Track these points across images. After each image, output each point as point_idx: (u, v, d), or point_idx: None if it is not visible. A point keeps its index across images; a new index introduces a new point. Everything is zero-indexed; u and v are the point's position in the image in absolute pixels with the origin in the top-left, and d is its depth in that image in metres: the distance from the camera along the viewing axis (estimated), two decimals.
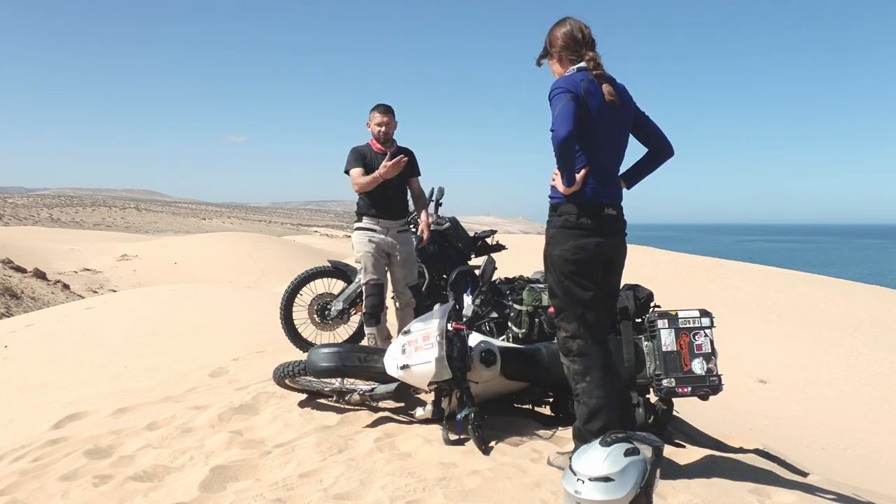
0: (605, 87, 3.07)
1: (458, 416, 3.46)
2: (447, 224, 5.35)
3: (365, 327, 4.84)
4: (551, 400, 4.09)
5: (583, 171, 3.03)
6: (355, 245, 4.85)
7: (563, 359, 3.20)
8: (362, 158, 4.79)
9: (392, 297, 5.04)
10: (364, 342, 5.06)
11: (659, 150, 3.38)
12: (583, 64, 3.12)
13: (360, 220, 4.88)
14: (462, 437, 3.46)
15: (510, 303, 4.53)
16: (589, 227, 3.07)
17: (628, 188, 3.35)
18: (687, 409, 5.24)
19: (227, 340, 6.92)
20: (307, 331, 5.39)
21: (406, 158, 4.64)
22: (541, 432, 3.66)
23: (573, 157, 2.97)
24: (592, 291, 3.12)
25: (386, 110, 4.76)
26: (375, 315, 4.75)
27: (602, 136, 3.09)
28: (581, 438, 3.07)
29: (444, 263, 5.25)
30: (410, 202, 5.14)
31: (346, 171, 4.81)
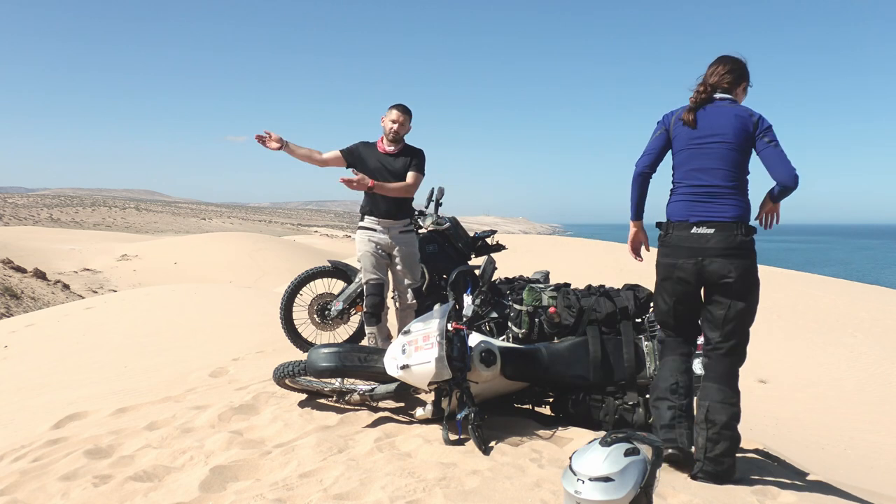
0: (686, 114, 3.36)
1: (458, 416, 3.46)
2: (447, 224, 5.35)
3: (366, 326, 4.84)
4: (551, 400, 4.09)
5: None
6: (357, 244, 4.86)
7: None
8: (352, 150, 4.83)
9: (392, 297, 5.04)
10: (364, 342, 5.06)
11: None
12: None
13: (362, 219, 4.88)
14: (462, 437, 3.46)
15: (510, 303, 4.53)
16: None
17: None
18: None
19: (227, 340, 6.93)
20: (307, 331, 5.39)
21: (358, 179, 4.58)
22: (541, 432, 3.66)
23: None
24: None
25: (404, 111, 4.74)
26: (376, 314, 4.75)
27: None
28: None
29: (444, 263, 5.25)
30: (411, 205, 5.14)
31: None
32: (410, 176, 4.74)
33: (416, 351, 3.45)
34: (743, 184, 3.35)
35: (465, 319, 3.73)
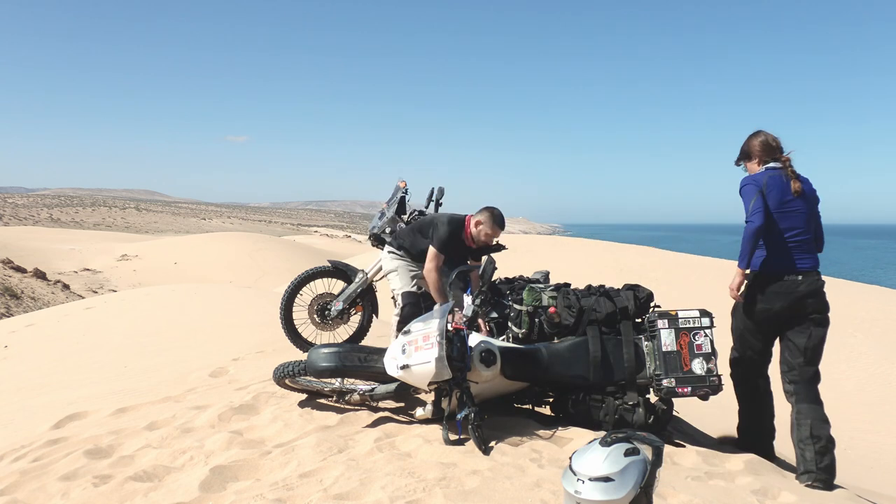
0: (794, 184, 3.95)
1: (458, 416, 3.46)
2: None
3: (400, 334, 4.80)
4: (551, 400, 4.09)
5: None
6: (389, 262, 4.81)
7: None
8: (451, 248, 4.59)
9: (392, 297, 5.04)
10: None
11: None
12: (775, 165, 4.00)
13: (400, 252, 4.82)
14: (462, 437, 3.46)
15: (510, 303, 4.52)
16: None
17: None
18: (687, 409, 5.24)
19: (227, 340, 6.92)
20: (307, 331, 5.39)
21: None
22: (541, 432, 3.66)
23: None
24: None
25: (503, 227, 4.62)
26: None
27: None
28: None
29: (443, 263, 5.24)
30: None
31: (435, 246, 4.52)
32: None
33: (416, 351, 3.45)
34: (815, 239, 4.10)
35: (465, 319, 3.73)
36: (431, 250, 4.54)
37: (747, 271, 3.99)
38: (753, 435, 4.20)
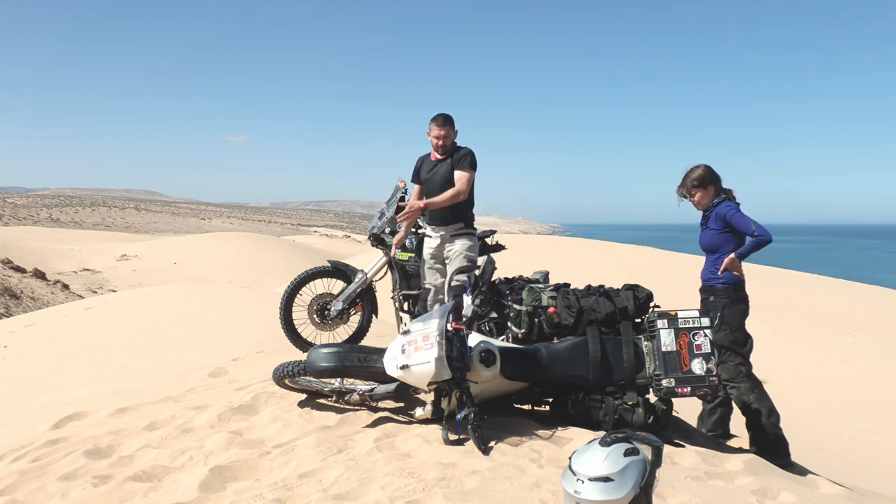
0: None
1: (458, 416, 3.46)
2: None
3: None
4: (551, 400, 4.09)
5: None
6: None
7: (735, 380, 4.44)
8: (416, 172, 4.88)
9: (392, 297, 5.04)
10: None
11: None
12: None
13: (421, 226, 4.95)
14: (462, 437, 3.46)
15: (510, 303, 4.52)
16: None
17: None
18: (687, 409, 5.24)
19: (227, 340, 6.92)
20: (307, 331, 5.38)
21: (417, 207, 4.65)
22: (540, 432, 3.66)
23: None
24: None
25: (444, 122, 4.69)
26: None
27: None
28: (768, 431, 4.42)
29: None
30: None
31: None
32: (455, 177, 4.67)
33: (415, 351, 3.45)
34: None
35: (465, 319, 3.73)
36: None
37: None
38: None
